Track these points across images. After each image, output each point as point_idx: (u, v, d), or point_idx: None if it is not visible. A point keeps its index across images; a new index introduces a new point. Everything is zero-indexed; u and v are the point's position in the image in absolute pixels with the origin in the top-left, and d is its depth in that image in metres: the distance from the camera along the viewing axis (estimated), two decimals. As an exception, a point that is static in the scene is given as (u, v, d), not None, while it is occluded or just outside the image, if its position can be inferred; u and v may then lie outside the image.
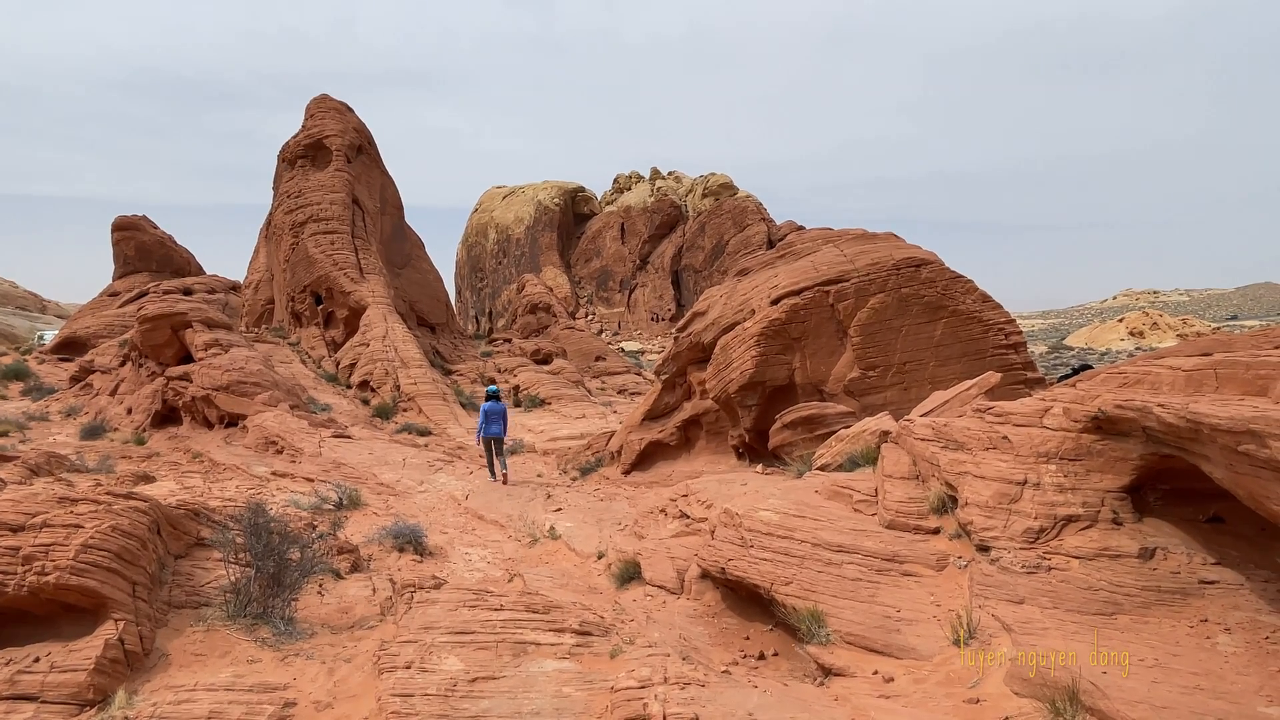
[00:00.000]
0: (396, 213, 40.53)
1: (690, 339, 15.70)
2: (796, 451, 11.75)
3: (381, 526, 11.69)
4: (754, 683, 5.39)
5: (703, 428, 15.60)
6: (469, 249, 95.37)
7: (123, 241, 50.00)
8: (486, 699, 5.13)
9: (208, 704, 4.94)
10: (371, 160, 38.54)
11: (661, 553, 8.77)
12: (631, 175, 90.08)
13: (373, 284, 32.93)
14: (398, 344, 30.28)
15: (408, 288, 37.60)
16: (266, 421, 20.33)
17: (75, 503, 6.35)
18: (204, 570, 7.07)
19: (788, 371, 13.47)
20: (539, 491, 15.39)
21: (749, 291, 14.67)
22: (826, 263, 13.89)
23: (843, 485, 7.78)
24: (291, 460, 18.20)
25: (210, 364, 22.64)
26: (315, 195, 34.59)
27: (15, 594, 5.68)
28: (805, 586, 6.22)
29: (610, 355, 41.99)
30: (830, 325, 13.42)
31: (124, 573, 5.96)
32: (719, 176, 79.84)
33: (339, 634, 6.60)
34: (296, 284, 33.97)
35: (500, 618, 6.26)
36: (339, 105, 38.07)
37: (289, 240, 34.37)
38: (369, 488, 15.83)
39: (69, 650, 5.49)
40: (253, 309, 38.39)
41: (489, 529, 13.18)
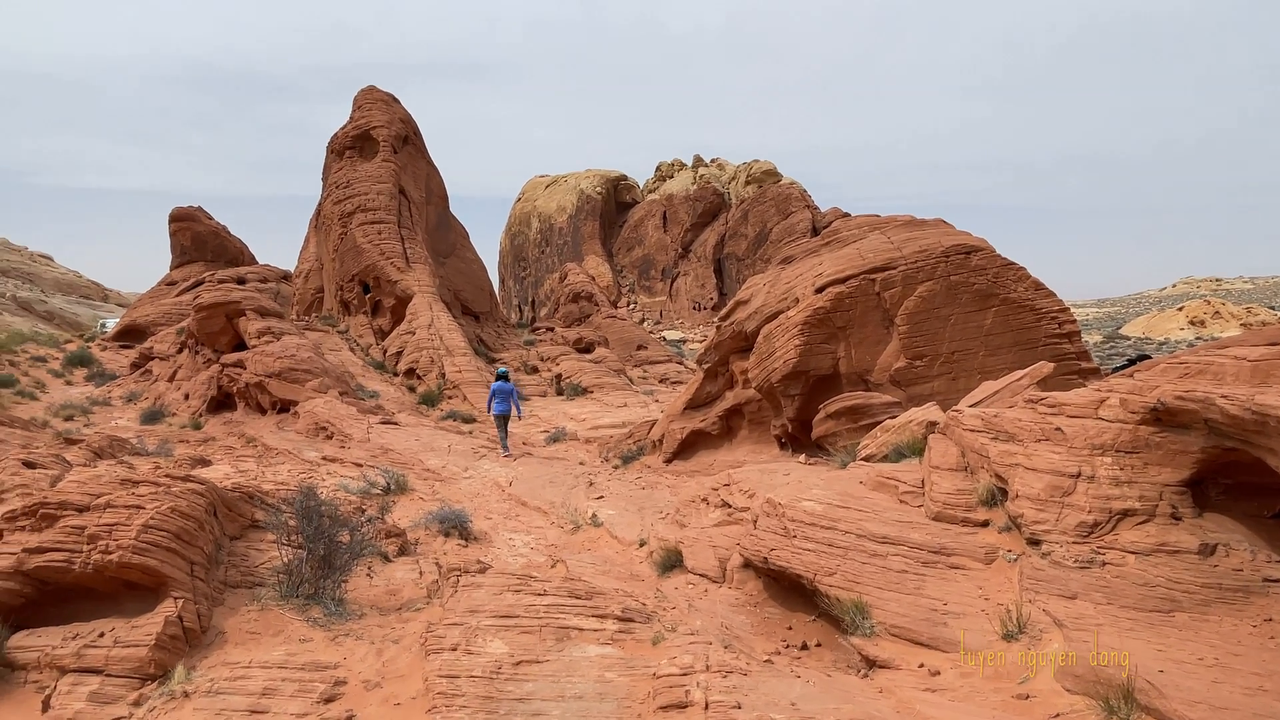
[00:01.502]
0: (441, 202, 40.99)
1: (733, 328, 15.60)
2: (840, 442, 11.61)
3: (428, 511, 11.89)
4: (796, 673, 5.36)
5: (745, 417, 15.51)
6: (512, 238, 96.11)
7: (179, 232, 51.54)
8: (530, 682, 5.20)
9: (262, 681, 5.10)
10: (417, 150, 39.00)
11: (703, 541, 8.77)
12: (674, 163, 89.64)
13: (419, 273, 33.40)
14: (443, 332, 30.70)
15: (452, 277, 38.05)
16: (317, 408, 20.81)
17: (137, 485, 6.59)
18: (258, 551, 7.28)
19: (832, 361, 13.30)
20: (581, 479, 15.50)
21: (793, 280, 14.50)
22: (873, 250, 13.65)
23: (888, 476, 7.67)
24: (341, 445, 18.61)
25: (263, 351, 23.25)
26: (363, 185, 35.16)
27: (81, 571, 5.92)
28: (849, 578, 6.16)
29: (652, 344, 41.98)
30: (876, 314, 13.20)
31: (182, 552, 6.17)
32: (762, 163, 79.00)
33: (387, 615, 6.74)
34: (345, 273, 34.63)
35: (544, 603, 6.33)
36: (385, 96, 38.57)
37: (338, 230, 35.03)
38: (415, 473, 16.11)
39: (131, 626, 5.72)
40: (303, 298, 39.27)
41: (532, 515, 13.32)
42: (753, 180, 78.04)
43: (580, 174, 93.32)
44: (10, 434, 17.46)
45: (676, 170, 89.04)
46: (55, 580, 6.03)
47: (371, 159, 36.26)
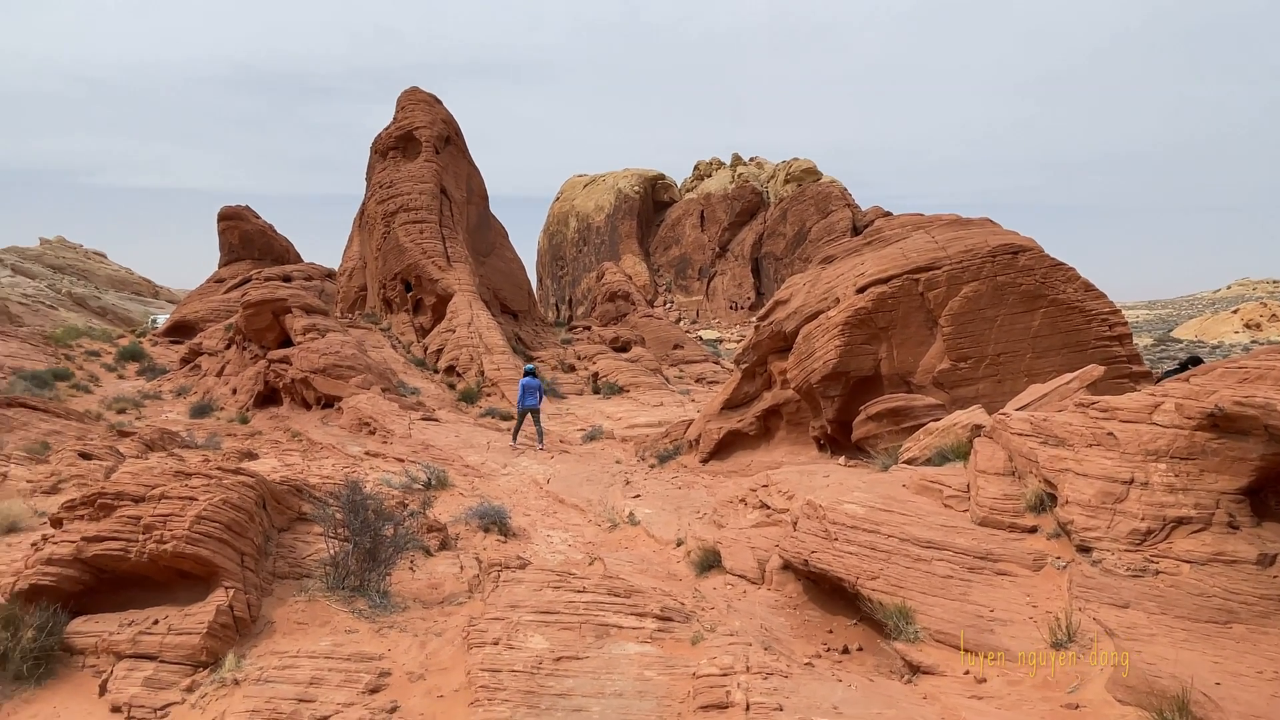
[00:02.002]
0: (482, 202, 41.42)
1: (771, 327, 15.50)
2: (881, 444, 11.47)
3: (468, 507, 12.03)
4: (838, 676, 5.32)
5: (783, 418, 15.40)
6: (550, 237, 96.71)
7: (227, 230, 52.86)
8: (571, 678, 5.23)
9: (309, 670, 5.21)
10: (459, 151, 39.47)
11: (742, 542, 8.73)
12: (712, 162, 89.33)
13: (459, 272, 33.81)
14: (482, 330, 31.04)
15: (492, 275, 38.43)
16: (360, 403, 21.19)
17: (190, 477, 6.77)
18: (305, 543, 7.44)
19: (873, 362, 13.14)
20: (618, 478, 15.55)
21: (833, 279, 14.36)
22: (916, 249, 13.45)
23: (932, 480, 7.56)
24: (383, 441, 18.93)
25: (308, 348, 23.74)
26: (405, 186, 35.70)
27: (137, 560, 6.11)
28: (893, 582, 6.09)
29: (688, 343, 41.93)
30: (919, 314, 13.01)
31: (233, 543, 6.33)
32: (802, 162, 78.31)
33: (430, 609, 6.84)
34: (388, 271, 35.20)
35: (583, 599, 6.36)
36: (428, 97, 39.10)
37: (381, 229, 35.61)
38: (455, 469, 16.31)
39: (184, 614, 5.88)
40: (347, 295, 40.00)
41: (569, 513, 13.40)
42: (792, 179, 77.41)
43: (618, 173, 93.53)
44: (66, 426, 18.09)
45: (715, 169, 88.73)
46: (112, 568, 6.23)
47: (414, 159, 36.79)
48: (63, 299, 68.07)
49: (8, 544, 9.93)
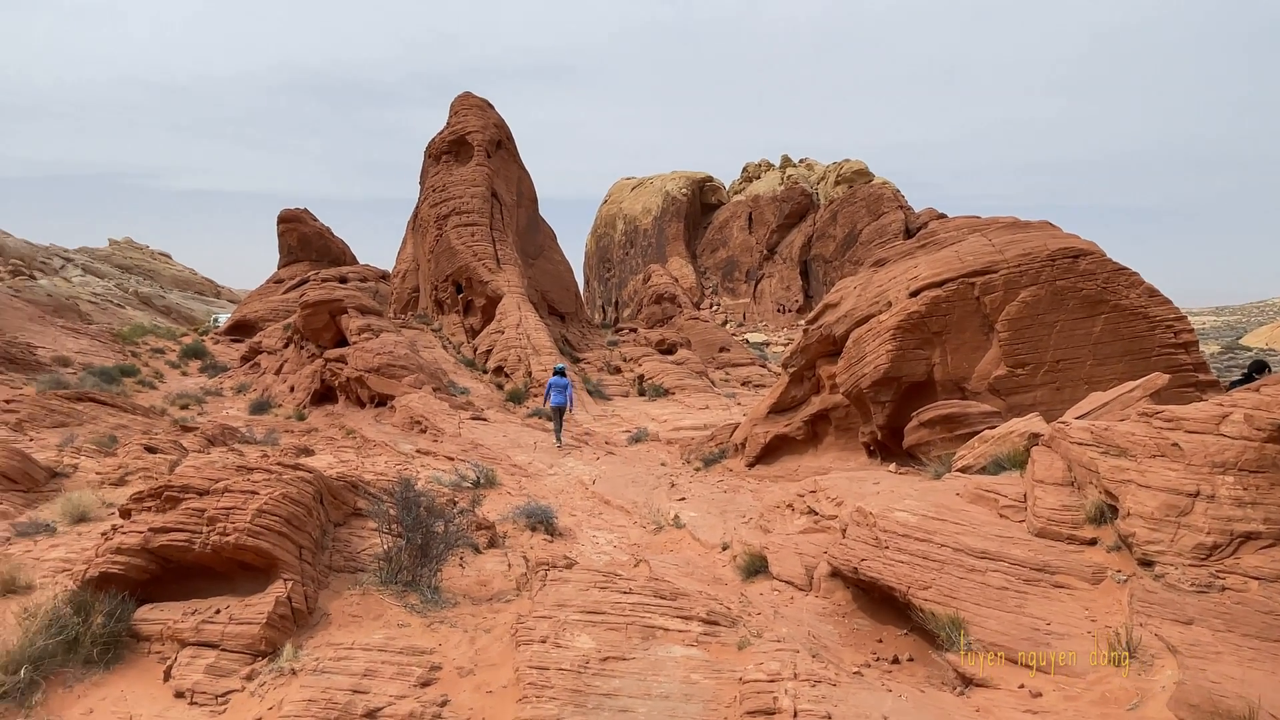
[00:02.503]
0: (531, 205, 41.88)
1: (820, 331, 15.34)
2: (934, 452, 11.26)
3: (515, 506, 12.16)
4: (888, 686, 5.24)
5: (831, 423, 15.22)
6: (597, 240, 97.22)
7: (287, 233, 54.41)
8: (617, 678, 5.25)
9: (364, 662, 5.33)
10: (509, 154, 39.98)
11: (789, 548, 8.66)
12: (761, 163, 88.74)
13: (508, 274, 34.23)
14: (530, 332, 31.37)
15: (540, 278, 38.82)
16: (412, 402, 21.60)
17: (251, 471, 6.99)
18: (360, 538, 7.62)
19: (926, 367, 12.90)
20: (663, 480, 15.56)
21: (885, 283, 14.14)
22: (972, 253, 13.17)
23: (987, 489, 7.40)
24: (434, 440, 19.26)
25: (363, 347, 24.30)
26: (458, 189, 36.29)
27: (200, 551, 6.33)
28: (945, 592, 5.97)
29: (735, 346, 41.71)
30: (975, 319, 12.73)
31: (292, 537, 6.52)
32: (853, 163, 77.26)
33: (479, 605, 6.94)
34: (439, 273, 35.82)
35: (629, 601, 6.38)
36: (480, 102, 39.69)
37: (433, 232, 36.26)
38: (503, 468, 16.51)
39: (245, 605, 6.07)
40: (400, 297, 40.81)
41: (615, 514, 13.45)
42: (843, 180, 76.43)
43: (666, 176, 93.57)
44: (132, 420, 18.82)
45: (763, 171, 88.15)
46: (177, 558, 6.46)
47: (466, 163, 37.38)
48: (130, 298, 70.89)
49: (78, 533, 10.38)
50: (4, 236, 71.13)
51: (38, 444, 15.30)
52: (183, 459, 14.45)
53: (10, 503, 11.70)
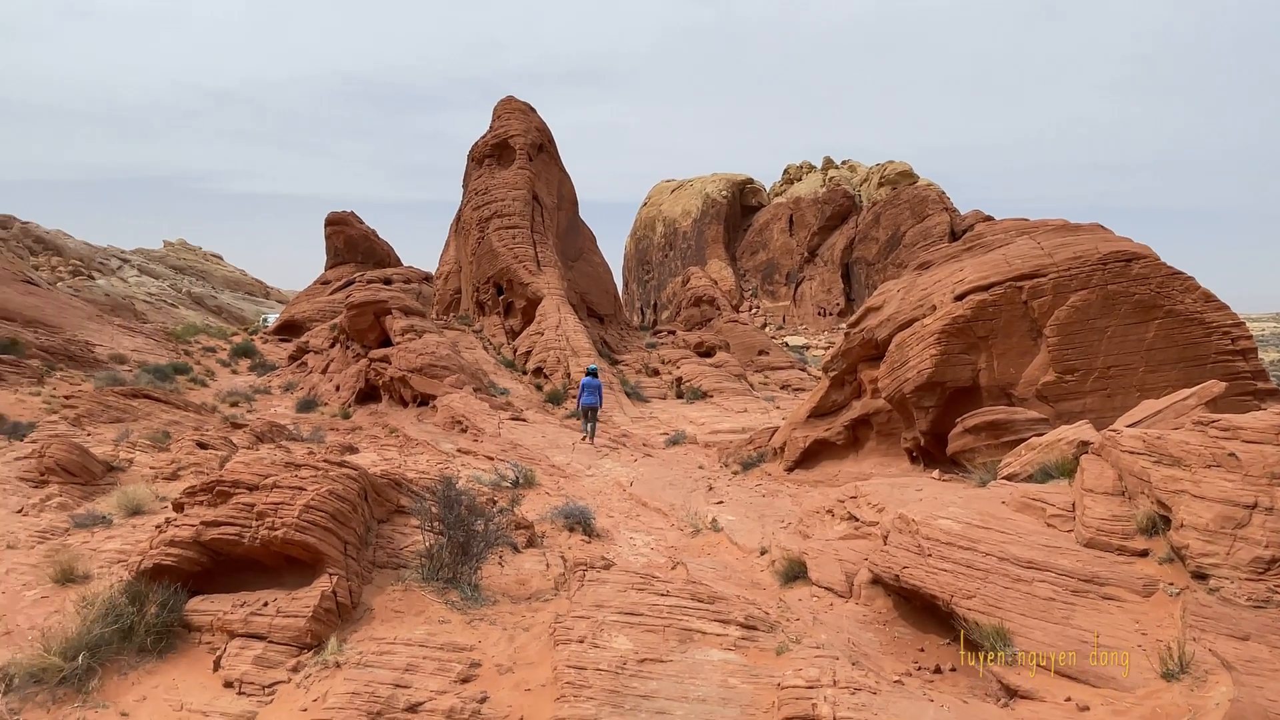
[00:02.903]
0: (572, 208, 42.16)
1: (863, 335, 15.15)
2: (979, 459, 11.04)
3: (553, 506, 12.24)
4: (930, 696, 5.15)
5: (873, 428, 15.03)
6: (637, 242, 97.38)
7: (334, 235, 55.58)
8: (654, 680, 5.26)
9: (405, 657, 5.42)
10: (551, 158, 40.30)
11: (829, 554, 8.57)
12: (803, 165, 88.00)
13: (548, 276, 34.49)
14: (569, 334, 31.56)
15: (580, 280, 39.04)
16: (453, 402, 21.89)
17: (299, 468, 7.15)
18: (402, 535, 7.74)
19: (971, 372, 12.66)
20: (701, 483, 15.51)
21: (930, 286, 13.92)
22: (1020, 256, 12.89)
23: (1034, 497, 7.23)
24: (474, 439, 19.49)
25: (406, 348, 24.70)
26: (500, 192, 36.70)
27: (250, 545, 6.49)
28: (990, 602, 5.85)
29: (774, 349, 41.44)
30: (1022, 324, 12.46)
31: (338, 532, 6.65)
32: (897, 164, 76.18)
33: (518, 604, 7.00)
34: (481, 275, 36.24)
35: (667, 603, 6.38)
36: (523, 106, 40.09)
37: (475, 234, 36.71)
38: (542, 469, 16.63)
39: (291, 598, 6.21)
40: (442, 298, 41.40)
41: (652, 516, 13.46)
42: (886, 182, 75.39)
43: (706, 178, 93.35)
44: (185, 416, 19.38)
45: (805, 172, 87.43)
46: (227, 552, 6.63)
47: (508, 167, 37.78)
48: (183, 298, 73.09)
49: (133, 525, 10.73)
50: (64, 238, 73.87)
51: (95, 438, 15.85)
52: (233, 455, 14.84)
53: (69, 495, 12.14)
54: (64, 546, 9.55)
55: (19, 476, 12.73)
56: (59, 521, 10.88)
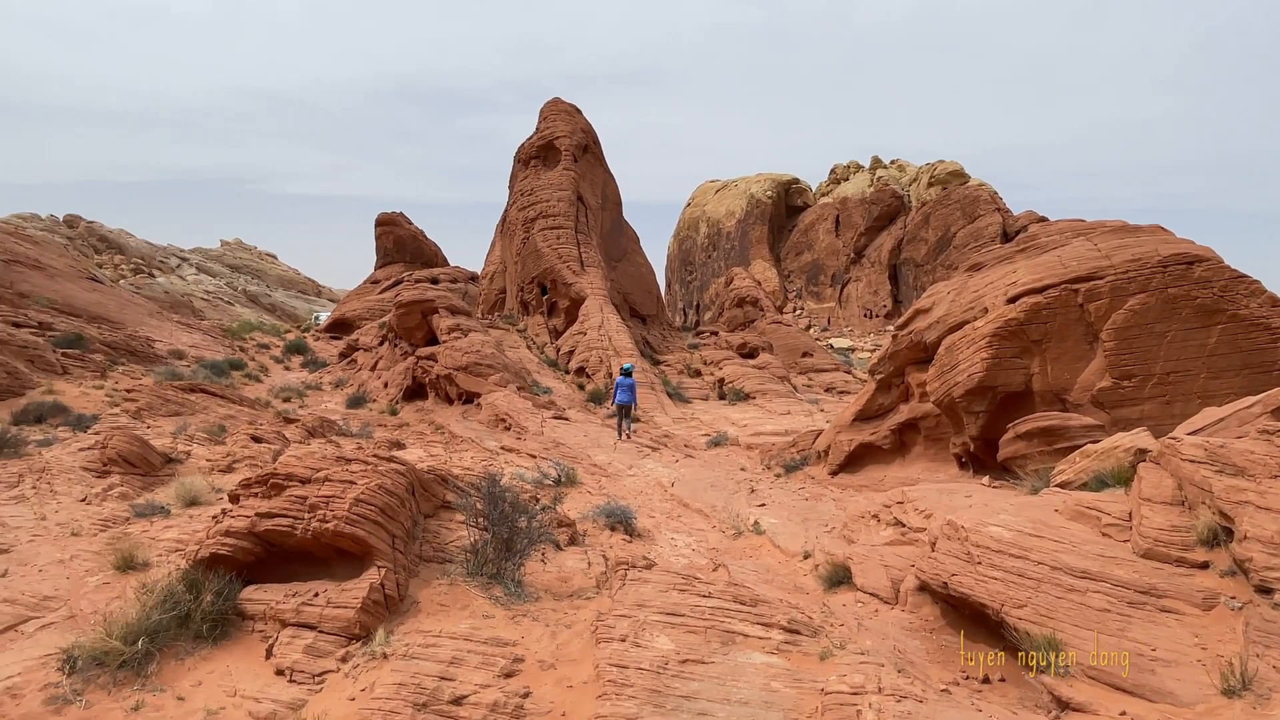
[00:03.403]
0: (616, 208, 42.31)
1: (911, 337, 14.89)
2: (1030, 465, 10.78)
3: (595, 505, 12.29)
4: (978, 706, 5.05)
5: (920, 432, 14.76)
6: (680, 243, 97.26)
7: (383, 235, 56.65)
8: (696, 681, 5.24)
9: (450, 650, 5.50)
10: (595, 159, 40.50)
11: (874, 559, 8.46)
12: (850, 165, 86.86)
13: (592, 276, 34.67)
14: (612, 334, 31.67)
15: (623, 280, 39.15)
16: (497, 400, 22.14)
17: (349, 462, 7.31)
18: (448, 530, 7.86)
19: (1023, 377, 12.35)
20: (743, 485, 15.42)
21: (981, 288, 13.62)
22: (1076, 258, 12.54)
23: (1088, 506, 7.03)
24: (518, 437, 19.68)
25: (452, 346, 25.06)
26: (545, 193, 37.00)
27: (302, 536, 6.65)
28: (1041, 611, 5.71)
29: (818, 352, 40.99)
30: (1078, 328, 12.11)
31: (386, 526, 6.78)
32: (948, 164, 74.66)
33: (560, 601, 7.05)
34: (525, 275, 36.59)
35: (709, 605, 6.36)
36: (569, 108, 40.36)
37: (520, 235, 37.08)
38: (584, 468, 16.72)
39: (341, 590, 6.35)
40: (487, 298, 41.90)
41: (694, 517, 13.42)
42: (936, 182, 73.97)
43: (751, 178, 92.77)
44: (239, 411, 19.93)
45: (852, 172, 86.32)
46: (279, 542, 6.81)
47: (553, 168, 38.07)
48: (238, 295, 75.23)
49: (190, 515, 11.08)
50: (127, 237, 76.65)
51: (154, 431, 16.42)
52: (285, 449, 15.22)
53: (130, 485, 12.59)
54: (124, 535, 9.92)
55: (83, 466, 13.25)
56: (120, 510, 11.29)
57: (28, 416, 17.34)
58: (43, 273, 33.39)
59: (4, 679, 5.56)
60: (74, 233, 71.65)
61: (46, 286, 32.02)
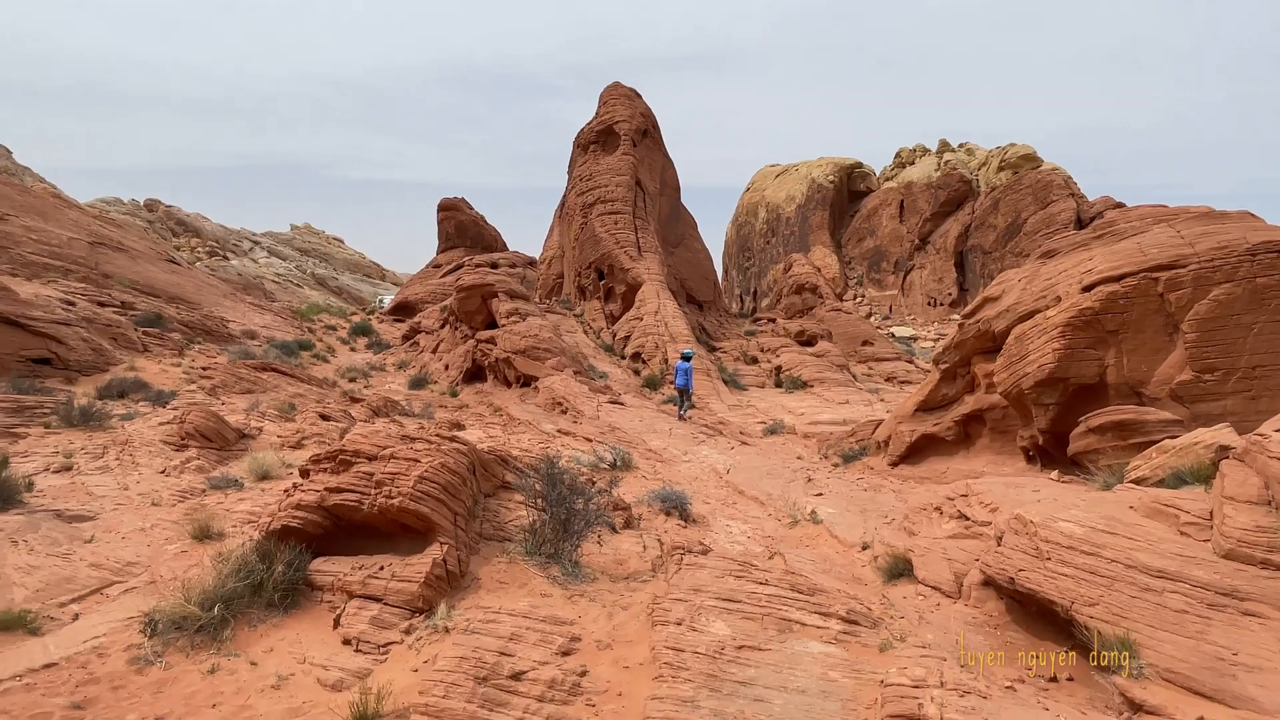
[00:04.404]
0: (674, 193, 42.09)
1: (978, 326, 14.46)
2: (1103, 460, 10.38)
3: (650, 490, 12.33)
4: (1045, 705, 4.91)
5: (986, 424, 14.36)
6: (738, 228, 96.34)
7: (445, 220, 57.63)
8: (753, 668, 5.22)
9: (509, 626, 5.59)
10: (655, 143, 40.33)
11: (936, 552, 8.28)
12: (916, 149, 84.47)
13: (649, 262, 34.62)
14: (668, 320, 31.60)
15: (680, 266, 38.99)
16: (554, 384, 22.36)
17: (414, 441, 7.47)
18: (507, 510, 7.99)
19: (1097, 369, 11.87)
20: (799, 474, 15.27)
21: (1054, 275, 13.12)
22: (1157, 245, 11.96)
23: (1166, 503, 6.74)
24: (574, 421, 19.86)
25: (511, 330, 25.38)
26: (604, 178, 37.04)
27: (368, 511, 6.84)
28: (1114, 611, 5.51)
29: (879, 340, 40.16)
30: (1157, 318, 11.57)
31: (448, 503, 6.93)
32: (1020, 147, 71.96)
33: (616, 583, 7.10)
34: (583, 260, 36.76)
35: (765, 592, 6.33)
36: (629, 92, 40.24)
37: (579, 220, 37.23)
38: (639, 452, 16.77)
39: (405, 564, 6.52)
40: (545, 282, 42.26)
41: (749, 505, 13.36)
42: (1007, 166, 71.42)
43: (813, 162, 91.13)
44: (308, 390, 20.58)
45: (918, 156, 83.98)
46: (347, 517, 7.02)
47: (613, 152, 38.05)
48: (307, 278, 77.56)
49: (262, 489, 11.52)
50: (203, 221, 79.67)
51: (228, 407, 17.08)
52: (352, 427, 15.66)
53: (206, 459, 13.14)
54: (201, 506, 10.37)
55: (162, 440, 13.88)
56: (197, 483, 11.80)
57: (111, 391, 18.24)
58: (125, 254, 34.99)
59: (91, 639, 5.88)
60: (154, 216, 74.86)
61: (129, 268, 33.56)
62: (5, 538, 8.20)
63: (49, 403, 15.67)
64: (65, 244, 31.42)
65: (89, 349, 20.58)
